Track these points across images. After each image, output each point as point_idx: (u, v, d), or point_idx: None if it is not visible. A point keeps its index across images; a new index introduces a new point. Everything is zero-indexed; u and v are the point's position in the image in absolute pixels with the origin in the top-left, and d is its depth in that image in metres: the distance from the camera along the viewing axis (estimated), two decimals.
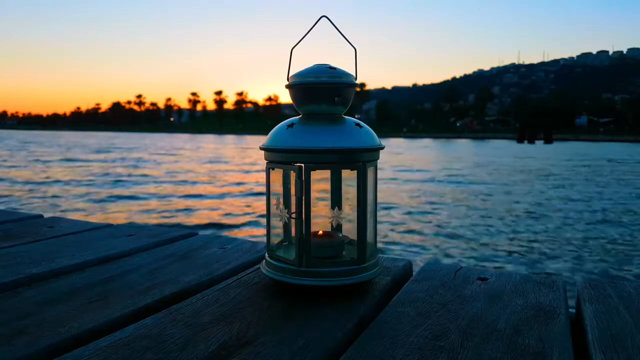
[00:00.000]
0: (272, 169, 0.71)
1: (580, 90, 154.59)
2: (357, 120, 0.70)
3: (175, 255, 0.88)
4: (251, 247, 0.94)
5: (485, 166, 17.02)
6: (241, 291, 0.69)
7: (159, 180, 11.82)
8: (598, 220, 7.19)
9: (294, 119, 0.70)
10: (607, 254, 5.24)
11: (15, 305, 0.64)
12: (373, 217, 0.71)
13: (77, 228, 1.09)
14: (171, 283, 0.73)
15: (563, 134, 68.19)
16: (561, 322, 0.59)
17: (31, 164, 15.57)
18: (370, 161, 0.68)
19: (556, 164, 16.97)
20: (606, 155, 24.14)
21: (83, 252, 0.88)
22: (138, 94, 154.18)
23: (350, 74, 0.70)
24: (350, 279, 0.67)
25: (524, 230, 6.38)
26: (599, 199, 9.37)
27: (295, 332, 0.56)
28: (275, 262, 0.69)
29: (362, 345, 0.53)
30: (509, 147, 34.11)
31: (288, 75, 0.71)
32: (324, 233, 0.75)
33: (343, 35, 0.72)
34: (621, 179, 13.10)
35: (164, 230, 1.07)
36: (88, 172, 13.57)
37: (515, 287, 0.72)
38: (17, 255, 0.86)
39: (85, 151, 24.59)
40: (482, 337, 0.55)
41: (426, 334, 0.56)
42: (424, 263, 0.84)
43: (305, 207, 0.65)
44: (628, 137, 61.61)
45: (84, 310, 0.62)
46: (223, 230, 6.21)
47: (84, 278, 0.75)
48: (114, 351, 0.51)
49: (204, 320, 0.59)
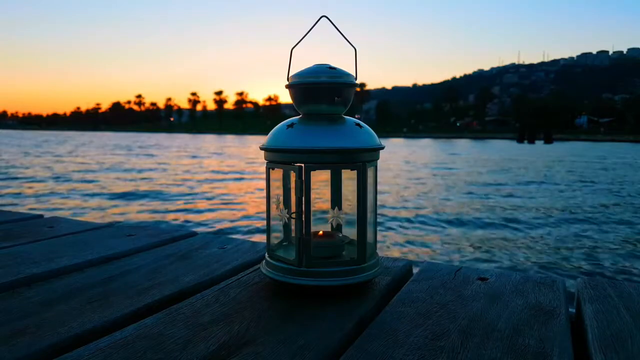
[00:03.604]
0: (272, 169, 0.71)
1: (580, 90, 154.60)
2: (357, 120, 0.70)
3: (175, 255, 0.88)
4: (251, 247, 0.94)
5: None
6: (241, 291, 0.69)
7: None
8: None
9: (294, 119, 0.70)
10: (465, 207, 7.24)
11: (15, 305, 0.64)
12: (373, 217, 0.71)
13: (77, 228, 1.09)
14: (171, 283, 0.73)
15: (563, 134, 68.18)
16: (561, 322, 0.59)
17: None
18: (370, 161, 0.68)
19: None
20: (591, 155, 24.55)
21: (83, 252, 0.88)
22: (138, 94, 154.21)
23: (350, 74, 0.70)
24: (350, 279, 0.67)
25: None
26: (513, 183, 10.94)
27: (295, 332, 0.56)
28: (275, 262, 0.69)
29: (362, 345, 0.53)
30: (508, 147, 34.20)
31: (288, 75, 0.71)
32: (324, 233, 0.75)
33: (343, 35, 0.72)
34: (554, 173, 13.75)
35: (164, 230, 1.07)
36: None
37: (515, 287, 0.72)
38: (17, 255, 0.86)
39: (172, 149, 24.07)
40: (482, 337, 0.55)
41: (426, 334, 0.56)
42: (424, 263, 0.84)
43: (305, 207, 0.65)
44: (628, 137, 61.63)
45: (84, 310, 0.62)
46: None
47: (84, 278, 0.75)
48: (114, 351, 0.51)
49: (204, 320, 0.59)
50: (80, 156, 19.10)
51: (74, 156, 19.14)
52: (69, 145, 29.08)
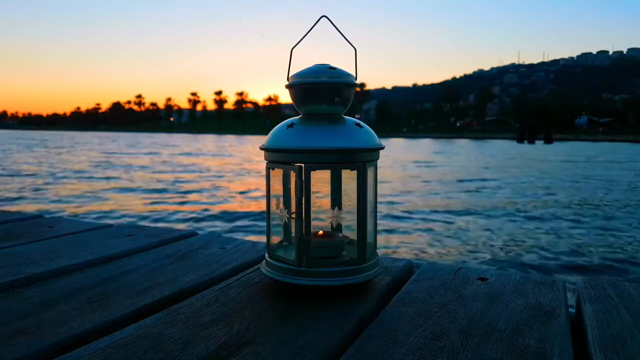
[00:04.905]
0: (272, 169, 0.71)
1: (580, 90, 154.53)
2: (357, 120, 0.70)
3: (175, 255, 0.88)
4: (251, 247, 0.94)
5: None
6: (241, 291, 0.69)
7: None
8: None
9: (294, 119, 0.70)
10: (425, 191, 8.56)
11: (15, 305, 0.64)
12: (373, 217, 0.71)
13: (77, 228, 1.09)
14: (171, 283, 0.73)
15: (563, 134, 68.17)
16: (561, 322, 0.59)
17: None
18: (370, 161, 0.68)
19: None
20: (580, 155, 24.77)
21: (83, 252, 0.88)
22: (138, 94, 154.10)
23: (350, 74, 0.70)
24: (350, 279, 0.67)
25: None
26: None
27: (295, 332, 0.56)
28: (275, 262, 0.69)
29: (362, 345, 0.53)
30: (507, 147, 34.23)
31: (288, 75, 0.71)
32: (324, 233, 0.75)
33: (343, 35, 0.72)
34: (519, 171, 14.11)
35: (163, 230, 1.07)
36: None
37: (515, 287, 0.72)
38: (17, 255, 0.86)
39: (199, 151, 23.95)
40: (482, 337, 0.55)
41: (426, 334, 0.56)
42: (424, 263, 0.84)
43: (305, 207, 0.65)
44: (628, 137, 61.62)
45: (84, 310, 0.62)
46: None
47: (84, 278, 0.75)
48: (114, 351, 0.51)
49: (204, 320, 0.59)
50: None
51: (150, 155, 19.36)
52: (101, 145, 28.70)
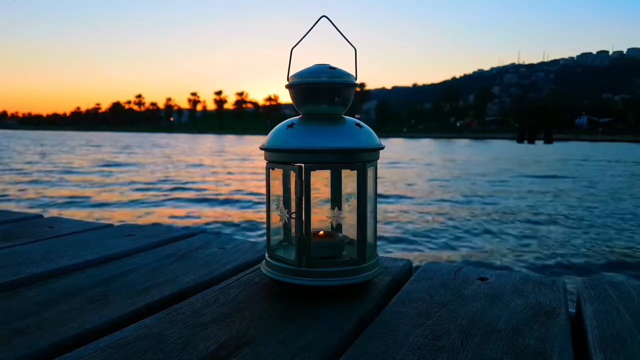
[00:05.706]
0: (272, 169, 0.71)
1: (580, 90, 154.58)
2: (357, 120, 0.70)
3: (175, 255, 0.88)
4: (251, 247, 0.94)
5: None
6: (241, 291, 0.69)
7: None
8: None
9: (294, 119, 0.70)
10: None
11: (15, 305, 0.64)
12: (373, 217, 0.71)
13: (77, 228, 1.09)
14: (171, 283, 0.73)
15: (563, 134, 68.18)
16: (561, 322, 0.59)
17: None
18: (370, 161, 0.68)
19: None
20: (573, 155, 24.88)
21: (83, 252, 0.88)
22: (138, 94, 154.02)
23: (350, 74, 0.70)
24: (350, 279, 0.67)
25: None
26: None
27: (295, 332, 0.56)
28: (275, 262, 0.69)
29: (362, 345, 0.53)
30: (507, 147, 34.21)
31: (288, 75, 0.71)
32: (324, 233, 0.75)
33: (343, 35, 0.72)
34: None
35: (163, 230, 1.07)
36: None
37: (515, 287, 0.72)
38: (17, 255, 0.86)
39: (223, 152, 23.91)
40: (482, 337, 0.55)
41: (426, 334, 0.56)
42: (424, 263, 0.84)
43: (305, 207, 0.65)
44: (628, 137, 61.62)
45: (84, 310, 0.62)
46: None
47: (84, 278, 0.75)
48: (114, 351, 0.51)
49: (204, 320, 0.59)
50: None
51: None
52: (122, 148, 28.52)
